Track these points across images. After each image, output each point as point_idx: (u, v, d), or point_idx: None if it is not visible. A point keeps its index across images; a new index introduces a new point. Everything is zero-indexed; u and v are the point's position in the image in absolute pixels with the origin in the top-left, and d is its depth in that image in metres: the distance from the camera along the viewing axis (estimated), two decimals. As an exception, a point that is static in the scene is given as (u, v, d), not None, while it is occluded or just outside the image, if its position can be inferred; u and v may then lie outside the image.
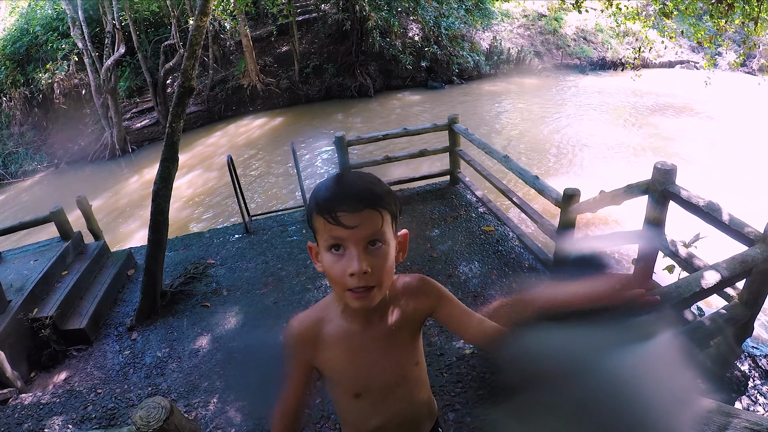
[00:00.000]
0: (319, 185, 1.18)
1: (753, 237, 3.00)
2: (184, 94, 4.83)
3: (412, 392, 1.47)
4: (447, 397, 3.34)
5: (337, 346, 1.33)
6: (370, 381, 1.37)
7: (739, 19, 8.21)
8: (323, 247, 1.17)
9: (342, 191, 1.14)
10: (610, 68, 20.18)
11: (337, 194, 1.13)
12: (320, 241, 1.18)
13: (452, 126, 6.93)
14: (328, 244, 1.15)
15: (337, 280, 1.17)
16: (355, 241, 1.13)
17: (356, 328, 1.33)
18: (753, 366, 3.96)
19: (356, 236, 1.12)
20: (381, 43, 17.54)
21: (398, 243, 1.27)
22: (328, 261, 1.17)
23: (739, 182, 9.53)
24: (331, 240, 1.14)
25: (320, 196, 1.15)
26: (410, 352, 1.44)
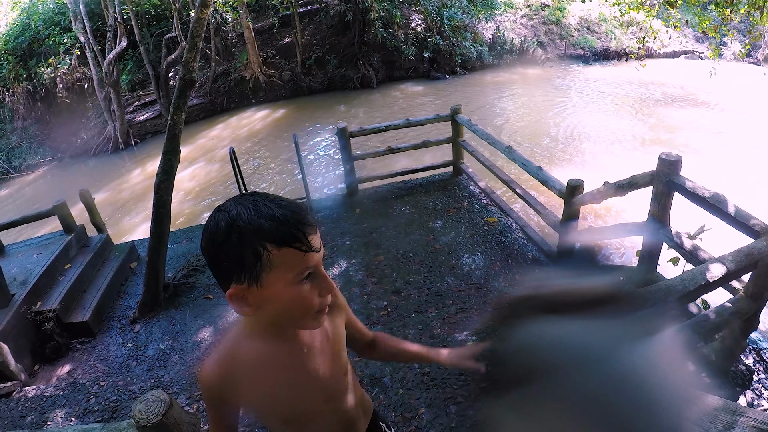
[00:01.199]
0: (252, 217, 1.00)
1: (759, 229, 2.97)
2: (186, 86, 4.81)
3: (343, 402, 1.41)
4: (449, 390, 3.33)
5: (256, 376, 1.21)
6: (300, 403, 1.29)
7: (744, 9, 8.14)
8: (291, 282, 1.04)
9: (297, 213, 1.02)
10: (614, 58, 20.06)
11: (297, 217, 1.02)
12: (281, 278, 1.03)
13: (455, 117, 6.89)
14: (302, 276, 1.04)
15: (306, 310, 1.09)
16: (320, 263, 1.07)
17: (277, 353, 1.21)
18: (758, 359, 3.95)
19: (321, 256, 1.06)
20: (383, 34, 17.46)
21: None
22: (298, 294, 1.05)
23: (744, 173, 9.47)
24: (305, 270, 1.03)
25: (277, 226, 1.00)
26: (338, 365, 1.36)
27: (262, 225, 0.99)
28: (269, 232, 0.99)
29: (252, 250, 1.00)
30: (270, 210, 1.00)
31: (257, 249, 0.99)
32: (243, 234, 0.99)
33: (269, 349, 1.20)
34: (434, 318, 4.50)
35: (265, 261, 1.00)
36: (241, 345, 1.21)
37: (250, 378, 1.20)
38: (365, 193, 7.29)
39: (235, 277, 1.03)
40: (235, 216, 1.00)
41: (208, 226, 1.05)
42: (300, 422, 1.32)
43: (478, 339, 3.87)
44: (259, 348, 1.20)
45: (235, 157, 6.68)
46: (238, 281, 1.03)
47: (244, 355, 1.20)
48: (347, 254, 5.81)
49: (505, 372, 1.35)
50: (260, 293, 1.04)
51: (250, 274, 1.02)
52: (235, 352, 1.21)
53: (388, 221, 6.44)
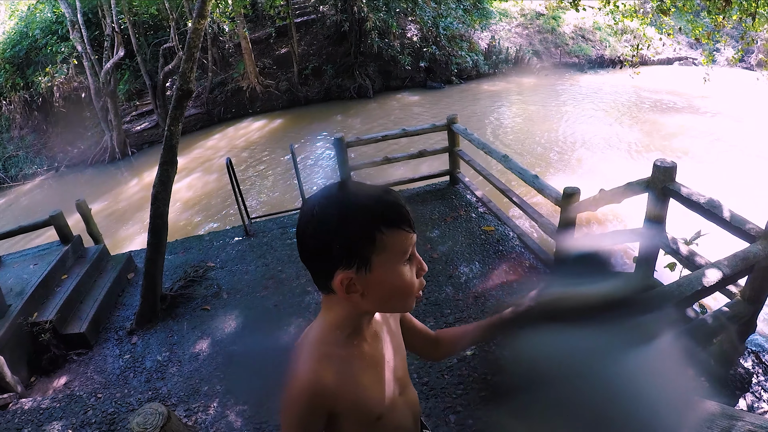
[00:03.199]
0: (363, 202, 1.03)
1: (754, 233, 2.99)
2: (183, 96, 4.82)
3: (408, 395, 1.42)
4: (449, 399, 3.33)
5: (350, 379, 1.17)
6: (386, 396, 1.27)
7: (736, 15, 8.21)
8: (399, 262, 1.07)
9: (395, 198, 1.06)
10: (609, 66, 20.17)
11: (399, 201, 1.06)
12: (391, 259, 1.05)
13: (451, 126, 6.91)
14: (403, 259, 1.07)
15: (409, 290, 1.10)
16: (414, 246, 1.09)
17: (360, 350, 1.21)
18: (757, 362, 3.95)
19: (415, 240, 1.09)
20: (380, 44, 17.54)
21: None
22: (406, 275, 1.08)
23: (739, 178, 9.51)
24: (410, 250, 1.07)
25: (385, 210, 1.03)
26: (402, 356, 1.38)
27: (375, 208, 1.03)
28: (382, 215, 1.02)
29: (366, 234, 1.02)
30: (377, 193, 1.05)
31: (371, 232, 1.02)
32: (358, 218, 1.02)
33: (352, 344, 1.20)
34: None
35: (378, 243, 1.03)
36: (330, 345, 1.17)
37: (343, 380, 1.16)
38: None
39: (345, 263, 1.04)
40: (345, 202, 1.03)
41: (313, 215, 1.04)
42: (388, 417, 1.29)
43: (476, 348, 3.87)
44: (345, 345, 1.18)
45: (232, 168, 6.68)
46: (347, 266, 1.04)
47: (335, 355, 1.16)
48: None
49: (505, 380, 1.35)
50: (367, 278, 1.05)
51: (361, 258, 1.03)
52: (328, 353, 1.16)
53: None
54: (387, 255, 1.04)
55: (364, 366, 1.22)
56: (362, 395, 1.21)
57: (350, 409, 1.20)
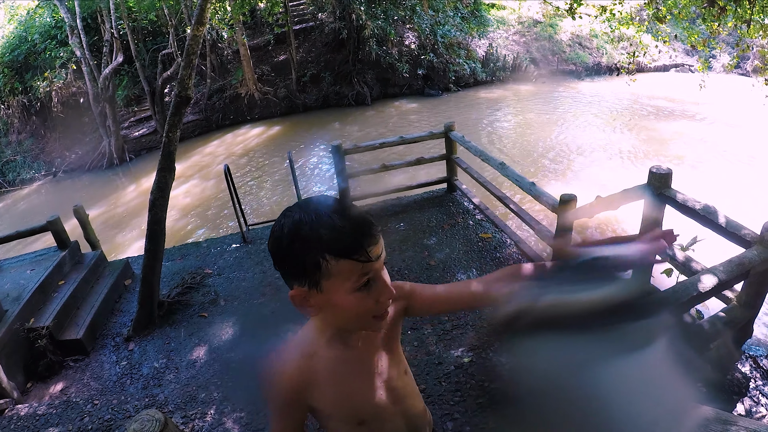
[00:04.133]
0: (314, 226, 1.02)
1: (750, 239, 3.01)
2: (181, 103, 4.83)
3: (409, 404, 1.42)
4: (446, 406, 3.32)
5: (332, 379, 1.23)
6: (371, 406, 1.29)
7: (731, 22, 8.25)
8: (348, 290, 1.05)
9: (358, 223, 1.04)
10: (606, 73, 20.23)
11: (358, 228, 1.03)
12: (340, 286, 1.05)
13: (448, 134, 6.93)
14: (359, 285, 1.05)
15: (362, 316, 1.10)
16: (382, 269, 1.07)
17: (348, 354, 1.24)
18: (754, 367, 3.95)
19: (381, 264, 1.06)
20: (378, 52, 17.58)
21: None
22: (356, 301, 1.07)
23: (735, 184, 9.55)
24: (363, 279, 1.04)
25: (337, 237, 1.01)
26: (398, 362, 1.38)
27: (323, 235, 1.01)
28: (329, 243, 1.01)
29: (312, 259, 1.03)
30: (332, 220, 1.02)
31: (317, 258, 1.02)
32: (304, 242, 1.02)
33: (339, 348, 1.22)
34: (430, 335, 4.50)
35: (324, 270, 1.03)
36: (314, 345, 1.23)
37: (325, 378, 1.22)
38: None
39: (297, 281, 1.07)
40: (298, 223, 1.04)
41: (274, 230, 1.09)
42: (372, 424, 1.31)
43: (474, 355, 3.87)
44: (330, 347, 1.22)
45: (230, 174, 6.69)
46: (300, 284, 1.07)
47: (319, 355, 1.22)
48: (342, 271, 5.80)
49: (502, 387, 1.35)
50: (320, 297, 1.08)
51: (310, 280, 1.06)
52: (312, 352, 1.22)
53: (382, 238, 6.44)
54: (335, 281, 1.05)
55: (346, 369, 1.24)
56: (341, 397, 1.25)
57: (330, 408, 1.26)
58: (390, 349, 1.34)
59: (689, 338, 3.04)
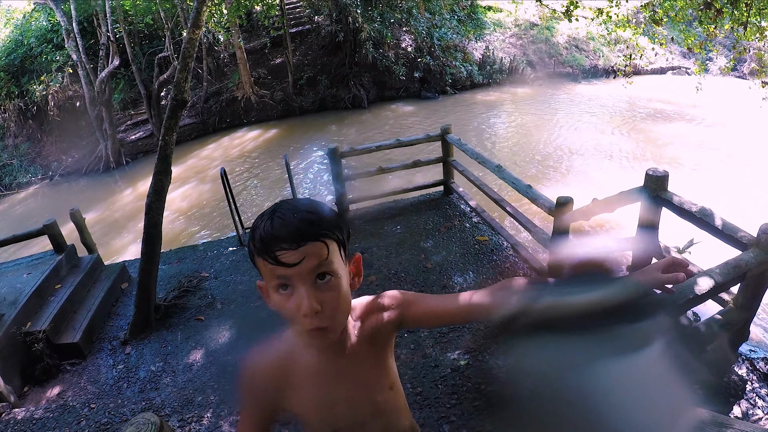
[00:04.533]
0: (255, 222, 1.08)
1: (746, 241, 3.01)
2: (177, 106, 4.83)
3: (390, 421, 1.39)
4: (442, 409, 3.32)
5: (307, 384, 1.23)
6: (346, 416, 1.27)
7: (728, 25, 8.27)
8: (271, 288, 1.08)
9: (278, 227, 1.03)
10: (603, 76, 20.27)
11: (274, 231, 1.03)
12: (267, 282, 1.09)
13: (445, 136, 6.94)
14: (275, 285, 1.07)
15: (292, 317, 1.09)
16: (300, 279, 1.04)
17: (324, 362, 1.23)
18: (751, 369, 3.96)
19: (301, 273, 1.03)
20: (374, 55, 17.58)
21: (352, 268, 1.20)
22: (278, 301, 1.08)
23: (732, 186, 9.57)
24: (276, 280, 1.06)
25: (257, 235, 1.05)
26: (382, 376, 1.35)
27: (254, 232, 1.07)
28: (253, 240, 1.06)
29: (250, 253, 1.09)
30: (267, 219, 1.06)
31: (252, 253, 1.07)
32: (250, 239, 1.09)
33: (315, 353, 1.23)
34: (426, 337, 4.49)
35: (257, 263, 1.08)
36: (292, 346, 1.24)
37: (300, 382, 1.23)
38: (356, 213, 7.29)
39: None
40: (258, 217, 1.10)
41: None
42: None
43: (470, 358, 3.87)
44: (308, 351, 1.23)
45: (227, 178, 6.68)
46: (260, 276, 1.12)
47: (295, 357, 1.23)
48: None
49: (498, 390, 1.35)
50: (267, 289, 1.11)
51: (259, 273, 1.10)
52: (284, 351, 1.25)
53: (379, 241, 6.45)
54: (264, 277, 1.09)
55: (324, 375, 1.24)
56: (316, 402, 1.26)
57: (304, 412, 1.27)
58: (377, 361, 1.32)
59: (686, 340, 3.04)
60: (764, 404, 3.70)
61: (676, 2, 9.02)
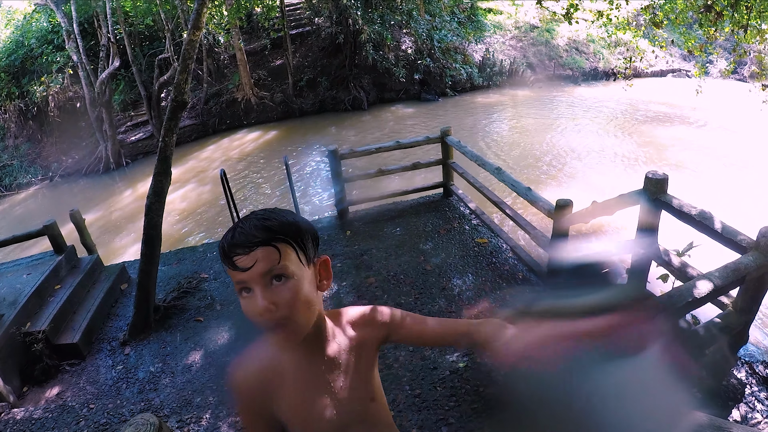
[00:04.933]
0: (229, 230, 1.15)
1: (746, 245, 3.01)
2: (177, 108, 4.84)
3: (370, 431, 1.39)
4: (441, 411, 3.32)
5: (289, 388, 1.27)
6: (327, 421, 1.28)
7: (728, 27, 8.28)
8: (237, 293, 1.14)
9: (235, 235, 1.11)
10: (603, 78, 20.30)
11: (231, 239, 1.11)
12: (235, 288, 1.15)
13: (445, 138, 6.94)
14: (238, 289, 1.13)
15: (255, 320, 1.14)
16: (256, 281, 1.10)
17: (305, 366, 1.27)
18: (750, 373, 3.96)
19: (255, 275, 1.09)
20: (374, 57, 17.61)
21: (320, 270, 1.23)
22: (243, 305, 1.13)
23: (731, 189, 9.57)
24: (238, 285, 1.12)
25: (220, 244, 1.13)
26: (364, 387, 1.36)
27: (220, 243, 1.13)
28: (220, 246, 1.12)
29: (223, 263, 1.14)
30: (230, 232, 1.13)
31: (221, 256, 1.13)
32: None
33: (294, 361, 1.26)
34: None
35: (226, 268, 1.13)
36: (275, 352, 1.28)
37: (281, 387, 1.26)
38: (356, 214, 7.30)
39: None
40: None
41: None
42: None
43: (469, 360, 3.87)
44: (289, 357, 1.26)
45: (226, 179, 6.68)
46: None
47: (277, 363, 1.27)
48: (338, 276, 5.81)
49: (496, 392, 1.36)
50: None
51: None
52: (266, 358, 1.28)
53: (378, 243, 6.45)
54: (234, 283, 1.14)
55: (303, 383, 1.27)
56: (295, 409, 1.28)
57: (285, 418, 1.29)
58: (359, 371, 1.35)
59: (685, 344, 3.04)
60: (763, 408, 3.69)
61: (677, 5, 9.03)
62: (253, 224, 1.11)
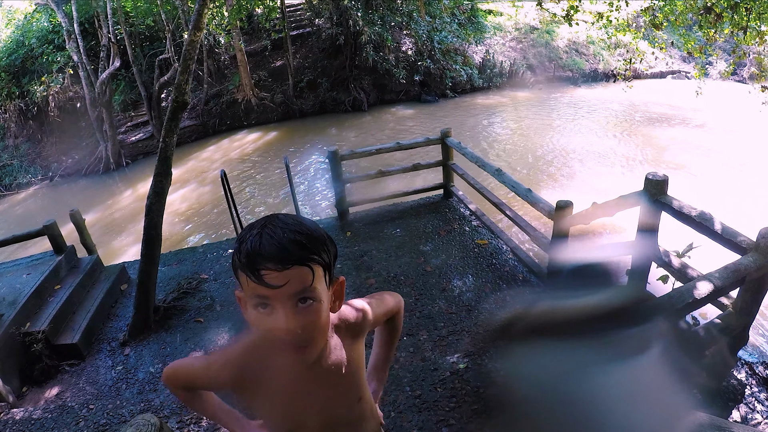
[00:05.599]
0: (243, 234, 1.06)
1: (746, 246, 3.01)
2: (178, 108, 4.84)
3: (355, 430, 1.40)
4: (441, 413, 3.32)
5: (277, 391, 1.24)
6: (306, 420, 1.28)
7: (728, 29, 8.30)
8: (249, 304, 1.07)
9: (265, 246, 1.00)
10: (602, 80, 20.32)
11: (261, 249, 1.00)
12: (246, 296, 1.07)
13: (445, 140, 6.95)
14: (254, 303, 1.05)
15: (267, 334, 1.08)
16: (281, 301, 1.02)
17: (296, 373, 1.22)
18: (750, 373, 3.96)
19: (283, 295, 1.01)
20: (374, 58, 17.62)
21: (335, 291, 1.17)
22: (255, 318, 1.07)
23: (731, 190, 9.58)
24: (255, 298, 1.04)
25: (242, 250, 1.03)
26: (351, 388, 1.35)
27: (238, 247, 1.05)
28: (239, 256, 1.03)
29: (234, 265, 1.06)
30: (257, 236, 1.03)
31: (235, 266, 1.05)
32: (235, 251, 1.06)
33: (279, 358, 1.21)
34: (425, 341, 4.50)
35: (239, 277, 1.06)
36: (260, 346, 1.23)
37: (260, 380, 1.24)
38: (356, 215, 7.30)
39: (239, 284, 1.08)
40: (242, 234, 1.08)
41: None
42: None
43: (469, 361, 3.87)
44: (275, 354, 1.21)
45: (227, 180, 6.68)
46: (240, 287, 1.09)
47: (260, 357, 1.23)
48: (338, 277, 5.80)
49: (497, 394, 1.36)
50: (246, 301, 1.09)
51: (240, 285, 1.07)
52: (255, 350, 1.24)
53: (379, 244, 6.45)
54: (245, 291, 1.07)
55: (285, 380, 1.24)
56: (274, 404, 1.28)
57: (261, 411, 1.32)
58: (348, 377, 1.32)
59: (685, 345, 3.04)
60: (763, 408, 3.70)
61: (676, 6, 9.05)
62: (288, 237, 1.02)
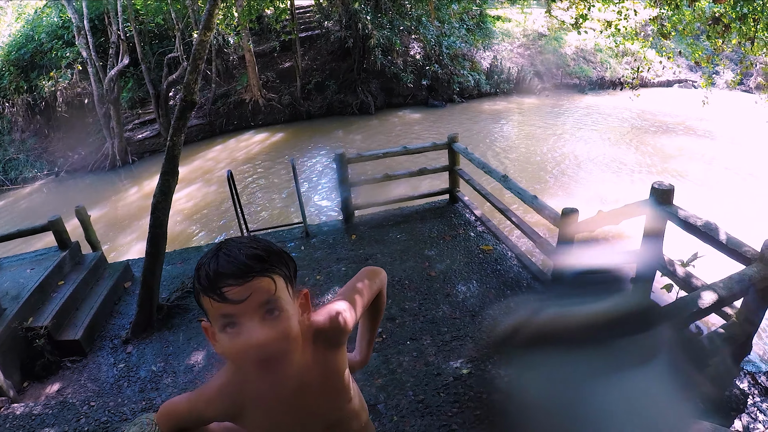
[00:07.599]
0: (200, 261, 1.06)
1: (750, 256, 3.01)
2: (186, 107, 4.85)
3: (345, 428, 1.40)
4: (444, 418, 3.31)
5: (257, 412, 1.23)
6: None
7: (735, 39, 8.29)
8: (217, 329, 1.05)
9: (223, 264, 1.02)
10: (609, 88, 20.30)
11: (219, 268, 1.01)
12: (213, 323, 1.07)
13: (452, 145, 6.95)
14: (221, 324, 1.04)
15: (240, 360, 1.08)
16: (248, 315, 1.01)
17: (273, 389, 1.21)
18: (752, 383, 3.95)
19: (249, 309, 1.01)
20: (383, 61, 17.65)
21: (301, 304, 1.17)
22: (225, 343, 1.05)
23: (737, 200, 9.56)
24: (222, 319, 1.03)
25: (201, 274, 1.03)
26: (340, 395, 1.35)
27: (200, 273, 1.04)
28: (199, 281, 1.03)
29: (196, 293, 1.06)
30: (213, 259, 1.04)
31: (197, 293, 1.05)
32: (194, 278, 1.06)
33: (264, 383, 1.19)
34: (429, 345, 4.49)
35: (201, 304, 1.06)
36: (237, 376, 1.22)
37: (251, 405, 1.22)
38: (362, 219, 7.30)
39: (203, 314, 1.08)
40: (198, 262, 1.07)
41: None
42: None
43: (473, 367, 3.87)
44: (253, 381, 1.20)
45: (233, 180, 6.69)
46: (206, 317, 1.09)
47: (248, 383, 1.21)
48: (342, 281, 5.79)
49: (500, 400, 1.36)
50: (213, 331, 1.09)
51: (205, 314, 1.07)
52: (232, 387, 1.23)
53: (383, 248, 6.45)
54: (210, 317, 1.07)
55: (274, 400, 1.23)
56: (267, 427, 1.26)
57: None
58: (329, 384, 1.31)
59: (688, 354, 3.03)
60: (765, 419, 3.68)
61: (685, 16, 9.05)
62: (244, 252, 1.03)
